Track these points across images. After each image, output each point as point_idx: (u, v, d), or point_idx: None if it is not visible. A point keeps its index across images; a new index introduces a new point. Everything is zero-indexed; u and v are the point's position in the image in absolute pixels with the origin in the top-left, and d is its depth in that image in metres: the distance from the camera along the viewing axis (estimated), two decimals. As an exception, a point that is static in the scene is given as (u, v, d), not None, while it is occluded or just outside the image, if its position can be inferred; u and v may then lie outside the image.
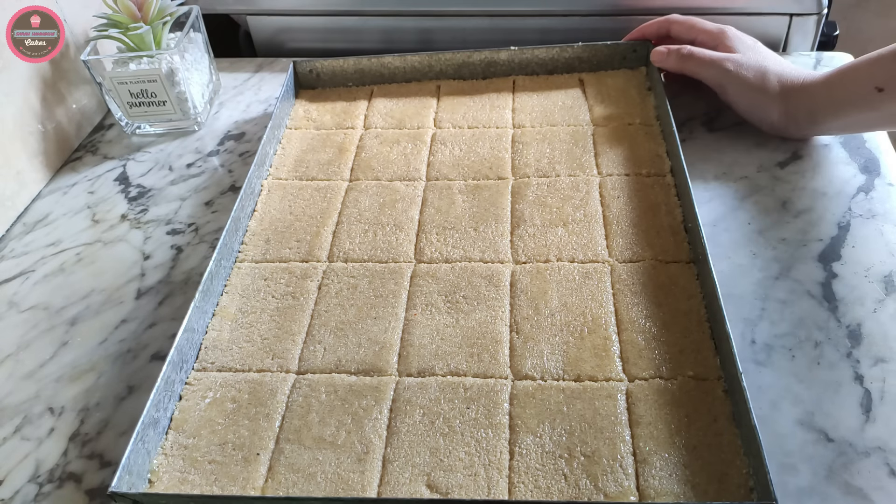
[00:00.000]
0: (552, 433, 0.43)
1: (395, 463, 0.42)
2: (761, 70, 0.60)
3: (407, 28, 0.81)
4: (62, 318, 0.55)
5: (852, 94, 0.56)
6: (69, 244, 0.62)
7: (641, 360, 0.46)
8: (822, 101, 0.58)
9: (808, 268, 0.52)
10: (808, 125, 0.60)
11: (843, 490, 0.40)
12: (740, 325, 0.49)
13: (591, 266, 0.52)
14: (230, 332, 0.51)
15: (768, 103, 0.60)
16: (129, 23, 0.67)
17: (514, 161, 0.62)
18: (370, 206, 0.59)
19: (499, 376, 0.46)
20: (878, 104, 0.54)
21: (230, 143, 0.71)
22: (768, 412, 0.44)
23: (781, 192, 0.58)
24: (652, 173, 0.59)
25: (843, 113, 0.58)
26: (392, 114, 0.69)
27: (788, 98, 0.59)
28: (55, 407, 0.49)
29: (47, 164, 0.69)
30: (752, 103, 0.62)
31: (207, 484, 0.42)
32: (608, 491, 0.40)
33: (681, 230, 0.54)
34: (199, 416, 0.45)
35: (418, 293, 0.52)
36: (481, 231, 0.56)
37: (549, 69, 0.72)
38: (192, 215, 0.63)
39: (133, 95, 0.69)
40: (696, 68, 0.63)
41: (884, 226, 0.55)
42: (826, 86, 0.58)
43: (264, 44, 0.86)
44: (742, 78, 0.61)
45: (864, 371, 0.46)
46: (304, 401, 0.46)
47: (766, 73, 0.60)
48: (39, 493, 0.44)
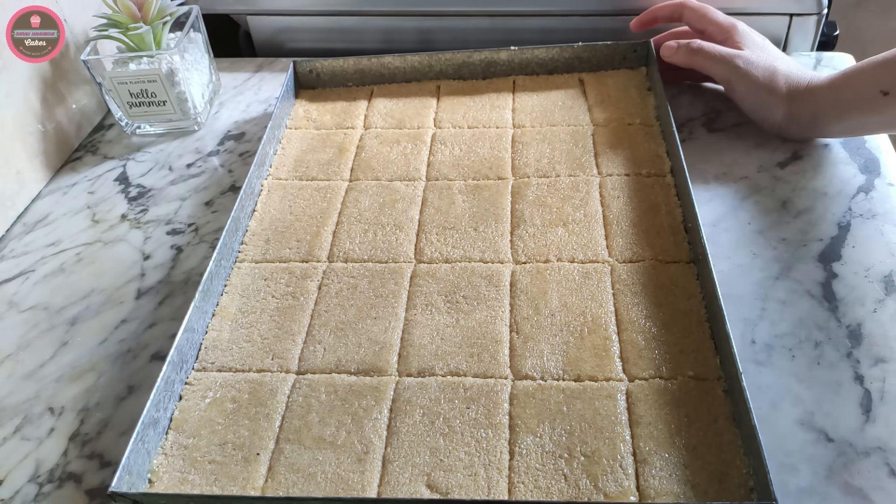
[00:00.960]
0: (552, 433, 0.43)
1: (395, 463, 0.42)
2: (770, 69, 0.60)
3: (407, 28, 0.81)
4: (62, 318, 0.55)
5: (857, 97, 0.56)
6: (69, 244, 0.62)
7: (641, 360, 0.46)
8: (825, 103, 0.58)
9: (808, 268, 0.52)
10: (811, 127, 0.60)
11: (843, 490, 0.40)
12: (740, 325, 0.49)
13: (591, 266, 0.52)
14: (230, 332, 0.51)
15: (774, 103, 0.60)
16: (129, 23, 0.67)
17: (514, 161, 0.62)
18: (370, 206, 0.59)
19: (499, 376, 0.46)
20: (882, 108, 0.54)
21: (230, 143, 0.71)
22: (768, 412, 0.44)
23: (781, 192, 0.58)
24: (652, 173, 0.59)
25: (846, 116, 0.58)
26: (392, 114, 0.69)
27: (794, 99, 0.59)
28: (55, 407, 0.49)
29: (47, 164, 0.69)
30: (758, 102, 0.62)
31: (207, 484, 0.42)
32: (608, 491, 0.40)
33: (681, 230, 0.54)
34: (199, 416, 0.45)
35: (418, 293, 0.52)
36: (481, 231, 0.56)
37: (549, 69, 0.72)
38: (192, 215, 0.63)
39: (133, 95, 0.69)
40: (705, 62, 0.63)
41: (884, 226, 0.55)
42: (830, 89, 0.57)
43: (264, 44, 0.86)
44: (751, 76, 0.60)
45: (864, 371, 0.46)
46: (304, 401, 0.46)
47: (775, 72, 0.60)
48: (39, 493, 0.44)
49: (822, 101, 0.58)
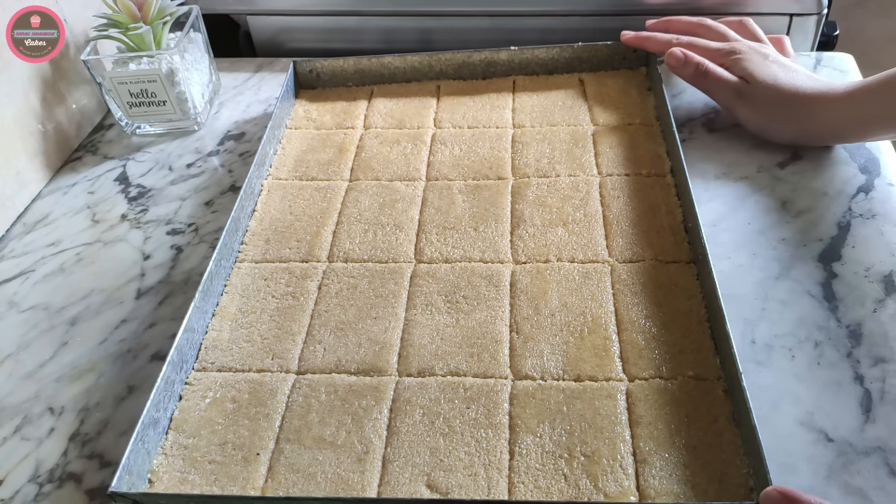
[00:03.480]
0: (552, 433, 0.43)
1: (395, 463, 0.42)
2: (773, 99, 0.59)
3: (407, 28, 0.81)
4: (62, 318, 0.55)
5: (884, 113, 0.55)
6: (69, 244, 0.62)
7: (641, 360, 0.46)
8: (846, 118, 0.57)
9: (808, 268, 0.52)
10: (828, 139, 0.60)
11: (843, 490, 0.40)
12: (740, 325, 0.49)
13: (591, 266, 0.52)
14: (230, 332, 0.51)
15: (779, 128, 0.60)
16: (129, 23, 0.67)
17: (514, 161, 0.62)
18: (370, 206, 0.59)
19: (499, 376, 0.46)
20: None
21: (230, 143, 0.71)
22: (768, 412, 0.44)
23: (781, 192, 0.58)
24: (652, 173, 0.59)
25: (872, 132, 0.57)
26: (392, 114, 0.69)
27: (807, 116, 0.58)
28: (55, 407, 0.49)
29: (47, 164, 0.69)
30: (760, 128, 0.62)
31: (207, 484, 0.42)
32: (608, 491, 0.40)
33: (681, 230, 0.54)
34: (199, 416, 0.45)
35: (418, 293, 0.52)
36: (481, 231, 0.56)
37: (549, 69, 0.72)
38: (192, 215, 0.63)
39: (133, 95, 0.69)
40: (710, 86, 0.63)
41: (884, 226, 0.55)
42: (851, 103, 0.56)
43: (264, 44, 0.86)
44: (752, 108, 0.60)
45: (864, 371, 0.46)
46: (304, 401, 0.46)
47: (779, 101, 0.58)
48: (39, 493, 0.44)
49: (843, 117, 0.57)
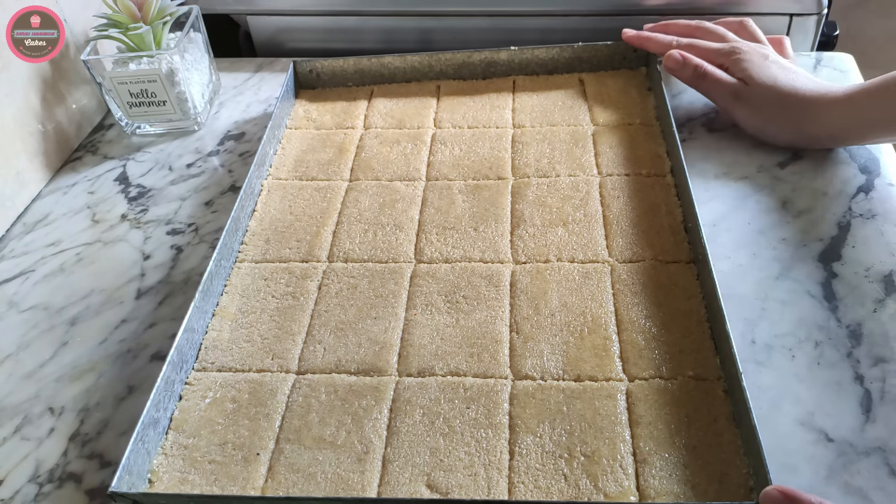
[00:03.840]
0: (552, 433, 0.43)
1: (395, 463, 0.42)
2: (772, 101, 0.59)
3: (407, 28, 0.81)
4: (62, 318, 0.55)
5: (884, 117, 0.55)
6: (69, 244, 0.62)
7: (641, 360, 0.46)
8: (846, 122, 0.57)
9: (808, 268, 0.52)
10: (830, 142, 0.60)
11: (843, 490, 0.40)
12: (740, 325, 0.49)
13: (591, 266, 0.52)
14: (230, 332, 0.51)
15: (778, 130, 0.60)
16: (129, 23, 0.67)
17: (514, 161, 0.62)
18: (370, 206, 0.59)
19: (499, 376, 0.46)
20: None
21: (230, 143, 0.71)
22: (768, 412, 0.44)
23: (781, 192, 0.58)
24: (652, 173, 0.59)
25: (871, 135, 0.57)
26: (392, 114, 0.69)
27: (808, 117, 0.58)
28: (55, 407, 0.49)
29: (47, 164, 0.69)
30: (758, 129, 0.62)
31: (207, 484, 0.42)
32: (608, 491, 0.40)
33: (681, 230, 0.54)
34: (199, 416, 0.45)
35: (418, 293, 0.52)
36: (481, 231, 0.56)
37: (549, 69, 0.72)
38: (192, 215, 0.63)
39: (133, 95, 0.69)
40: (709, 88, 0.63)
41: (884, 226, 0.55)
42: (851, 107, 0.56)
43: (264, 44, 0.86)
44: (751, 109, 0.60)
45: (864, 371, 0.46)
46: (304, 401, 0.46)
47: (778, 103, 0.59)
48: (39, 493, 0.44)
49: (841, 119, 0.57)
